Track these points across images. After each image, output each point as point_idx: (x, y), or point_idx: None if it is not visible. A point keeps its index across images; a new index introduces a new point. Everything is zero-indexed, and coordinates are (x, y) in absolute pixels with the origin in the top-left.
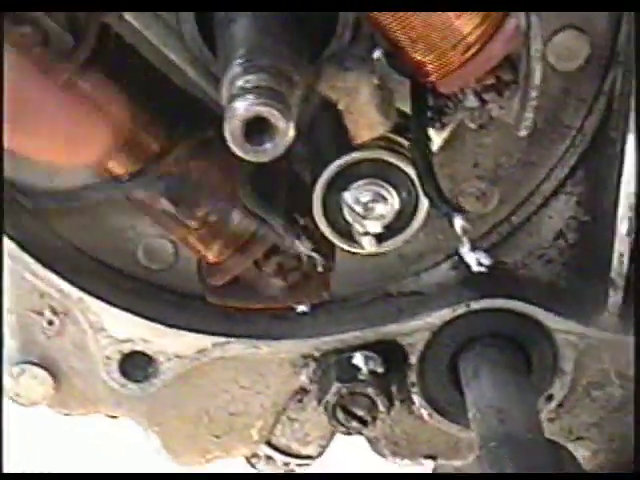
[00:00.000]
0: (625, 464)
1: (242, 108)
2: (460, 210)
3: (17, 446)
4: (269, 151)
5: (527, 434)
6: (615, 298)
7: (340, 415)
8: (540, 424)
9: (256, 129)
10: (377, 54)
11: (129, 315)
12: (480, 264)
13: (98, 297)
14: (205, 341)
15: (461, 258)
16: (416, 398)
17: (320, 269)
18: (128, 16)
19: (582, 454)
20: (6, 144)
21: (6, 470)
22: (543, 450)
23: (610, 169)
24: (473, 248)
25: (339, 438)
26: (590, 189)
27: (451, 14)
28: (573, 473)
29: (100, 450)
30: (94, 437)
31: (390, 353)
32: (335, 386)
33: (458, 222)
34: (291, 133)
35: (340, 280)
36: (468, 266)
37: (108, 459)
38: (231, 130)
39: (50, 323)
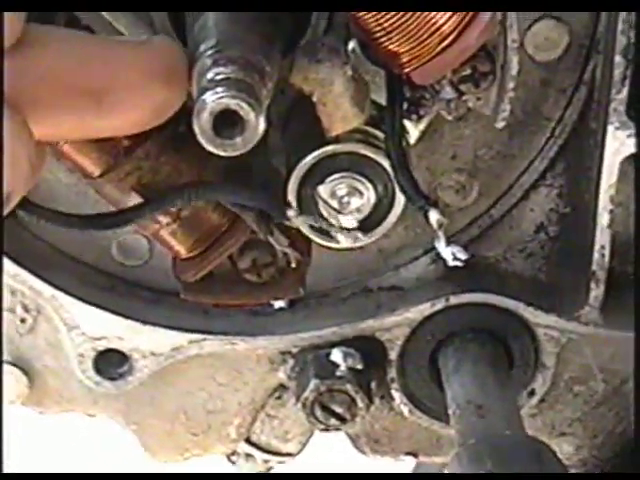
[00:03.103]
0: (608, 459)
1: (211, 101)
2: (436, 204)
3: (17, 446)
4: (239, 145)
5: (506, 430)
6: (597, 291)
7: (318, 412)
8: (520, 420)
9: (226, 122)
10: (352, 45)
11: (103, 312)
12: (456, 258)
13: (71, 294)
14: (181, 338)
15: (438, 252)
16: (396, 394)
17: (295, 265)
18: None
19: (565, 450)
20: None
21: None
22: (522, 446)
23: (590, 160)
24: (449, 242)
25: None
26: (570, 181)
27: None
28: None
29: (100, 450)
30: (94, 436)
31: (369, 349)
32: (313, 383)
33: (434, 216)
34: (262, 126)
35: (318, 275)
36: (445, 261)
37: (108, 459)
38: (200, 123)
39: (22, 321)
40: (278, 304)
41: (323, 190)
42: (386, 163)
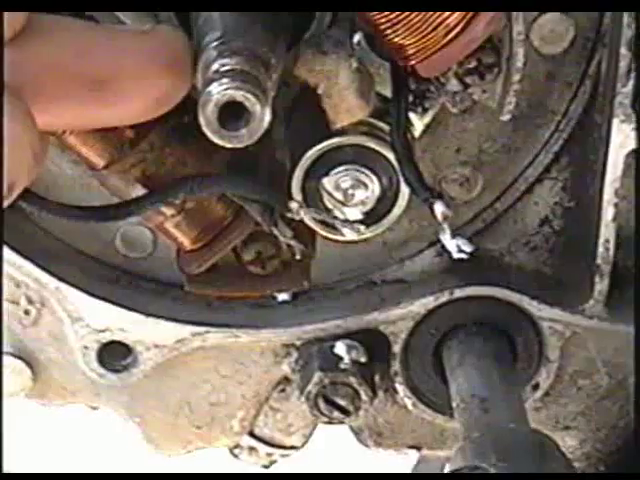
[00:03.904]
0: (611, 453)
1: (216, 92)
2: (441, 196)
3: (17, 446)
4: (244, 136)
5: (511, 424)
6: (601, 285)
7: (322, 405)
8: (524, 413)
9: (231, 114)
10: (357, 37)
11: (107, 304)
12: (461, 251)
13: (75, 286)
14: (184, 330)
15: (443, 245)
16: (400, 387)
17: (300, 257)
18: None
19: (569, 444)
20: None
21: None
22: (526, 440)
23: (595, 154)
24: (454, 235)
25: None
26: (575, 174)
27: None
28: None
29: (101, 449)
30: (95, 436)
31: (373, 342)
32: (317, 375)
33: (438, 208)
34: (267, 118)
35: (323, 268)
36: (450, 253)
37: (109, 458)
38: (205, 115)
39: (26, 313)
40: (282, 297)
41: (328, 182)
42: (391, 155)
